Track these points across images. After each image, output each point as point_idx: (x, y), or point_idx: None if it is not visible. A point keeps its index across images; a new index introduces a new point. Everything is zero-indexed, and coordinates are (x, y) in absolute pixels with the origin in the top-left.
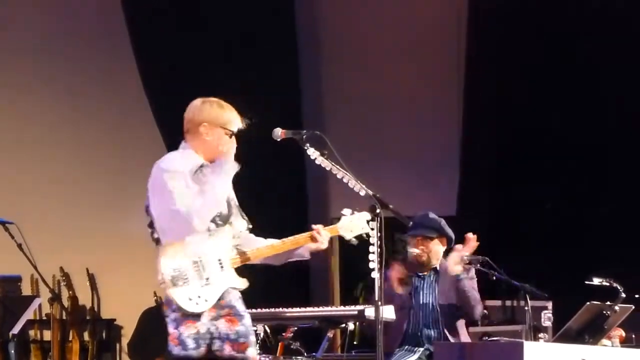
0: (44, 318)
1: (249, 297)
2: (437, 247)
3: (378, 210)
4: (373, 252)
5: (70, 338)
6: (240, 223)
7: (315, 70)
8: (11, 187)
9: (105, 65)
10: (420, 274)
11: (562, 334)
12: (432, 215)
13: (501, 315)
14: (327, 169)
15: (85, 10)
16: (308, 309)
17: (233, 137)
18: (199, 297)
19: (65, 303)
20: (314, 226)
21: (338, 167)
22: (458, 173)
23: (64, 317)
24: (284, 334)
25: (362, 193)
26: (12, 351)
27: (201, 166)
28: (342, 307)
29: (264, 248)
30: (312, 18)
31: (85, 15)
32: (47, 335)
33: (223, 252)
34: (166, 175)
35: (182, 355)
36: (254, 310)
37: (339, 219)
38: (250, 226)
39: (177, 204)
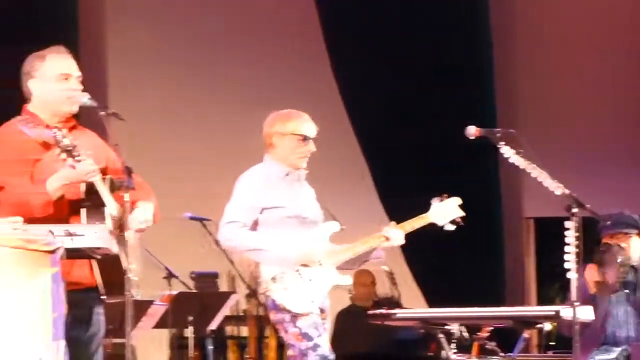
0: (241, 314)
1: (445, 297)
2: (636, 244)
3: (575, 210)
4: (569, 252)
5: (267, 334)
6: (331, 224)
7: (509, 67)
8: (207, 186)
9: (298, 64)
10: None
11: None
12: (628, 212)
13: None
14: (521, 167)
15: (277, 5)
16: (503, 309)
17: (307, 140)
18: (304, 297)
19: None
20: (385, 228)
21: (533, 165)
22: None
23: (261, 314)
24: (479, 333)
25: (558, 192)
26: (210, 347)
27: (287, 174)
28: (537, 307)
29: (344, 248)
30: (507, 14)
31: (278, 11)
32: (244, 331)
33: (320, 252)
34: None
35: (310, 345)
36: (449, 310)
37: (534, 219)
38: (344, 227)
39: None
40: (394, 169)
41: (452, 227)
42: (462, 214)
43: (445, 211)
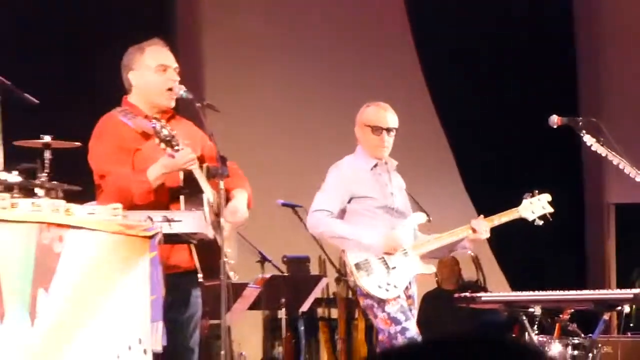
0: (331, 297)
1: (528, 281)
2: None
3: None
4: None
5: (356, 316)
6: (418, 215)
7: (593, 57)
8: (299, 174)
9: (387, 59)
10: None
11: None
12: None
13: None
14: (603, 155)
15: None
16: (584, 292)
17: (382, 130)
18: (388, 284)
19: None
20: (473, 220)
21: (614, 153)
22: None
23: (350, 296)
24: (561, 315)
25: (638, 179)
26: (302, 327)
27: (375, 165)
28: (617, 291)
29: (431, 238)
30: (590, 4)
31: (370, 6)
32: (334, 313)
33: (406, 240)
34: (327, 174)
35: (398, 329)
36: (532, 293)
37: (615, 205)
38: (431, 218)
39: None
40: (479, 160)
41: (541, 222)
42: (552, 210)
43: (535, 207)
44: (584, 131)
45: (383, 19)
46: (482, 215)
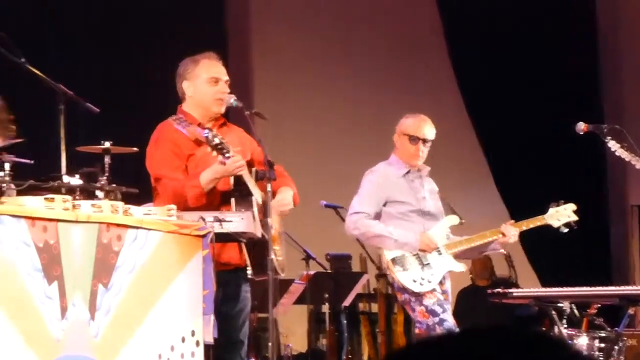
0: (372, 292)
1: (556, 277)
2: None
3: None
4: None
5: (395, 310)
6: (451, 218)
7: (616, 63)
8: (341, 177)
9: (423, 67)
10: None
11: None
12: None
13: None
14: (627, 160)
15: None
16: (610, 287)
17: (420, 143)
18: (422, 279)
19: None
20: (503, 225)
21: (637, 157)
22: None
23: (389, 292)
24: (588, 310)
25: None
26: (344, 321)
27: (408, 172)
28: None
29: (463, 239)
30: (613, 11)
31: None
32: (375, 307)
33: (440, 240)
34: (363, 180)
35: (436, 321)
36: (561, 289)
37: (637, 207)
38: (463, 221)
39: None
40: (511, 164)
41: (566, 230)
42: (576, 218)
43: (560, 215)
44: (608, 137)
45: (419, 32)
46: (512, 221)
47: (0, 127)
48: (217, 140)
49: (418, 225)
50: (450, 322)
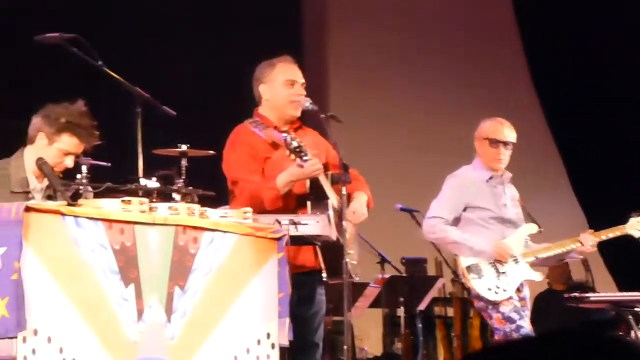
0: (447, 296)
1: (634, 282)
2: None
3: None
4: None
5: (471, 315)
6: (530, 226)
7: None
8: (417, 180)
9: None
10: None
11: None
12: None
13: None
14: None
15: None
16: None
17: (501, 146)
18: (497, 287)
19: None
20: (582, 234)
21: None
22: None
23: (465, 296)
24: None
25: None
26: (419, 325)
27: (491, 177)
28: None
29: (541, 248)
30: None
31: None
32: (450, 311)
33: (517, 249)
34: (444, 183)
35: (513, 328)
36: (638, 293)
37: None
38: (541, 229)
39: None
40: (590, 172)
41: None
42: None
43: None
44: None
45: (496, 34)
46: (591, 230)
47: (84, 133)
48: (295, 144)
49: (496, 233)
50: (527, 328)
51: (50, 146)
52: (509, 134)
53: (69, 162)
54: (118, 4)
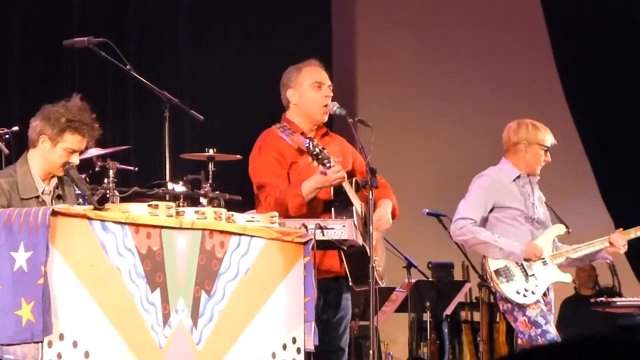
0: (474, 301)
1: None
2: None
3: None
4: None
5: (498, 319)
6: (558, 227)
7: None
8: (443, 184)
9: (528, 76)
10: None
11: None
12: None
13: None
14: None
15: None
16: None
17: (547, 151)
18: (526, 290)
19: None
20: (612, 234)
21: None
22: None
23: (492, 301)
24: None
25: None
26: (446, 330)
27: (518, 177)
28: None
29: (570, 249)
30: None
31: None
32: (477, 316)
33: (546, 251)
34: (472, 184)
35: (539, 332)
36: None
37: None
38: (569, 230)
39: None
40: (616, 172)
41: None
42: None
43: None
44: None
45: (526, 35)
46: (620, 229)
47: (87, 128)
48: (317, 150)
49: (525, 232)
50: (553, 333)
51: (55, 147)
52: (553, 139)
53: (75, 159)
54: (147, 8)
